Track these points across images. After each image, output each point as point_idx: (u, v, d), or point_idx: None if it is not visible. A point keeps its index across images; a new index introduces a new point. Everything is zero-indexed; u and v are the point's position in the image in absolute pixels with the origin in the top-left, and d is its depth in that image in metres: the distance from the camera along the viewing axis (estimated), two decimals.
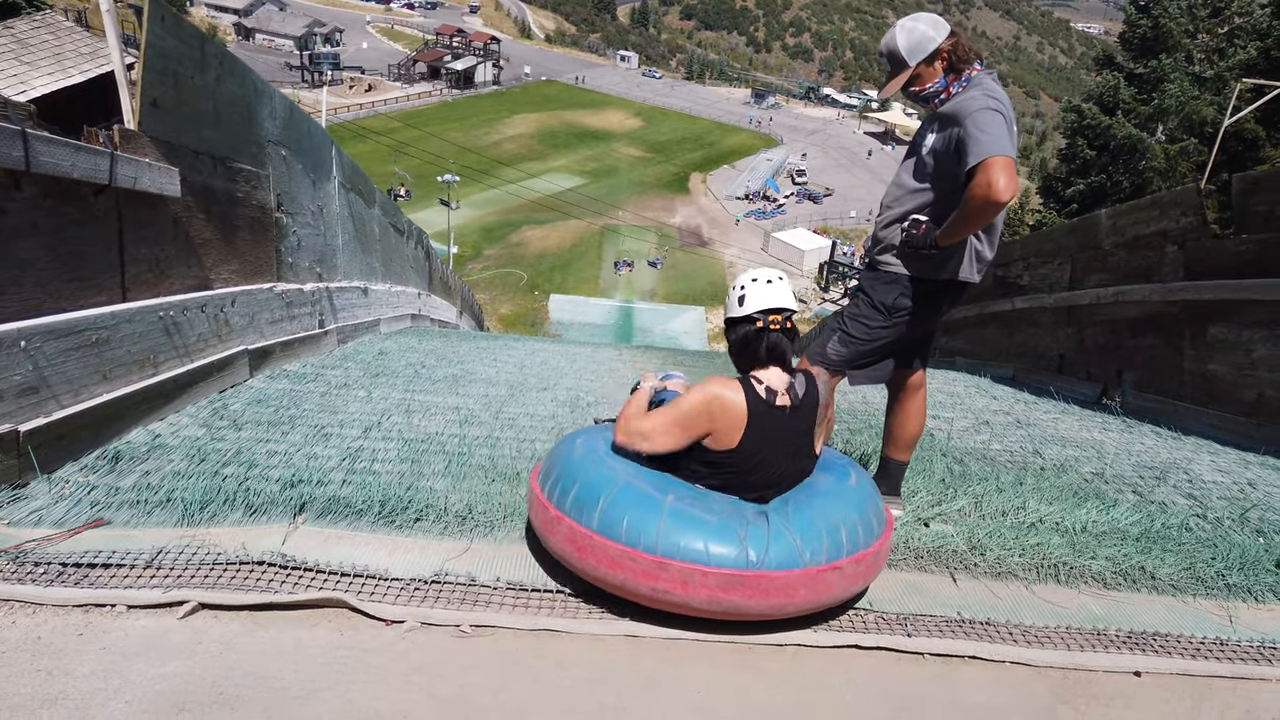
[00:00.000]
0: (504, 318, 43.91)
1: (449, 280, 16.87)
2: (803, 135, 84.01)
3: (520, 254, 53.91)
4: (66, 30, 15.67)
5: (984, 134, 2.64)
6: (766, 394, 2.57)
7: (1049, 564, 2.85)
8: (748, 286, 2.66)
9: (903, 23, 2.95)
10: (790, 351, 2.66)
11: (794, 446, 2.59)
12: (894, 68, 2.94)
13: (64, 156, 3.21)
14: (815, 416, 2.62)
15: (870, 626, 2.50)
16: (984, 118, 2.67)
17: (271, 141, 5.72)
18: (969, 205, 2.67)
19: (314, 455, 3.52)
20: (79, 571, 2.41)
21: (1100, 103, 18.61)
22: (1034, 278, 8.87)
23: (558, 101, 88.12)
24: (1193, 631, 2.56)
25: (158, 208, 4.09)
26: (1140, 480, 4.00)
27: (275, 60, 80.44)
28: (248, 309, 5.07)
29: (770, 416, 2.55)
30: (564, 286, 49.29)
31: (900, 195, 3.04)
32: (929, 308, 3.03)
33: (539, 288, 49.01)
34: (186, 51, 4.35)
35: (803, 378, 2.66)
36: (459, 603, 2.44)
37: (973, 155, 2.64)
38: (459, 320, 16.40)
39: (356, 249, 8.52)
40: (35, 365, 2.99)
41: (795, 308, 2.66)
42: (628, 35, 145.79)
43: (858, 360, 3.10)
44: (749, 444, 2.54)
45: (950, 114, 2.82)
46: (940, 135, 2.88)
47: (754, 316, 2.61)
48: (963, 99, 2.80)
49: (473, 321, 19.74)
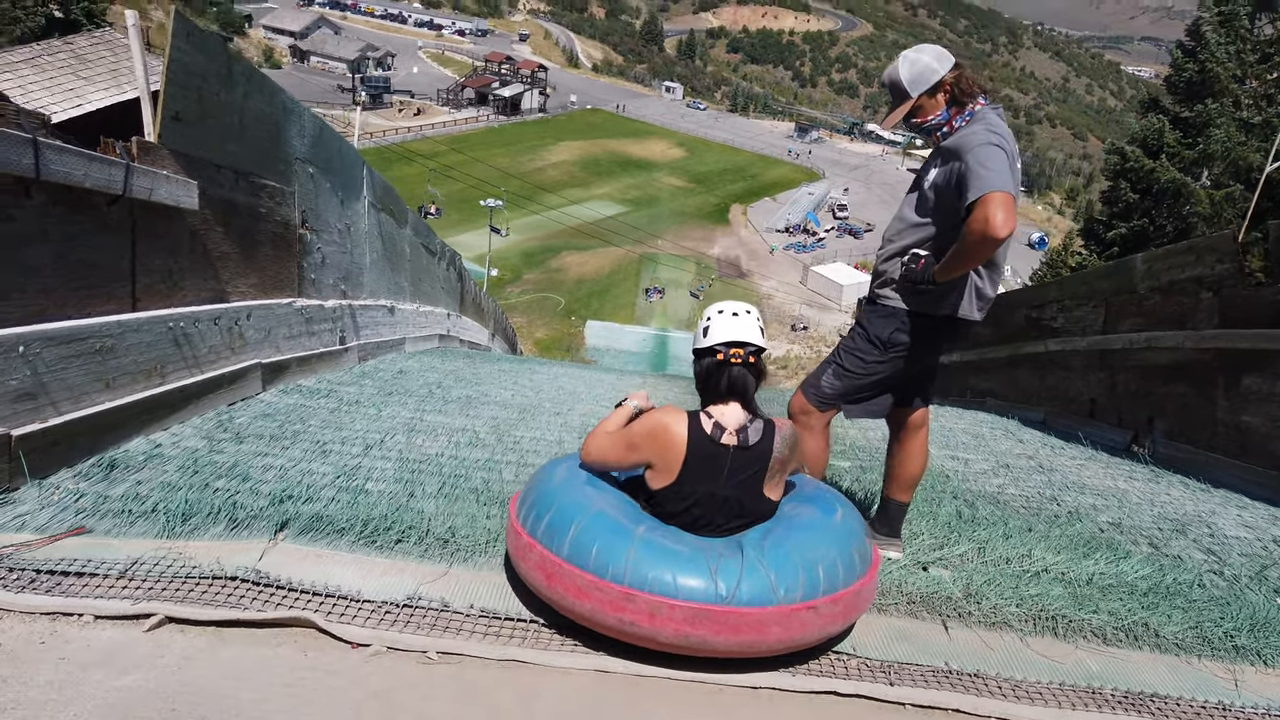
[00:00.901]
0: (540, 342, 44.12)
1: (482, 302, 16.97)
2: (845, 170, 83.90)
3: (559, 279, 54.26)
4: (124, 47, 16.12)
5: (984, 169, 2.59)
6: (713, 430, 2.50)
7: (1047, 616, 2.73)
8: (713, 318, 2.61)
9: (907, 54, 2.90)
10: (753, 388, 2.58)
11: (738, 488, 2.50)
12: (896, 98, 2.90)
13: (76, 166, 3.25)
14: (766, 462, 2.52)
15: (851, 672, 2.40)
16: (985, 153, 2.62)
17: (299, 159, 5.79)
18: (966, 240, 2.61)
19: (309, 471, 3.50)
20: (52, 579, 2.39)
21: (1144, 146, 18.31)
22: (1067, 320, 8.70)
23: (602, 130, 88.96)
24: (1194, 694, 2.42)
25: (174, 219, 4.13)
26: (1158, 532, 3.85)
27: (328, 82, 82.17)
28: (264, 323, 5.10)
29: (711, 453, 2.49)
30: (601, 313, 49.46)
31: (901, 229, 2.98)
32: (927, 344, 2.96)
33: (576, 313, 49.23)
34: (212, 67, 4.41)
35: (761, 424, 2.56)
36: (429, 628, 2.39)
37: (972, 190, 2.58)
38: (490, 343, 16.48)
39: (385, 268, 8.59)
40: (34, 371, 3.00)
41: (760, 343, 2.58)
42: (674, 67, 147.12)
43: (851, 394, 3.03)
44: (686, 478, 2.49)
45: (952, 148, 2.77)
46: (941, 169, 2.83)
47: (716, 349, 2.56)
48: (964, 133, 2.75)
49: (505, 344, 19.84)
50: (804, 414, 3.10)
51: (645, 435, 2.55)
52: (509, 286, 51.35)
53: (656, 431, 2.52)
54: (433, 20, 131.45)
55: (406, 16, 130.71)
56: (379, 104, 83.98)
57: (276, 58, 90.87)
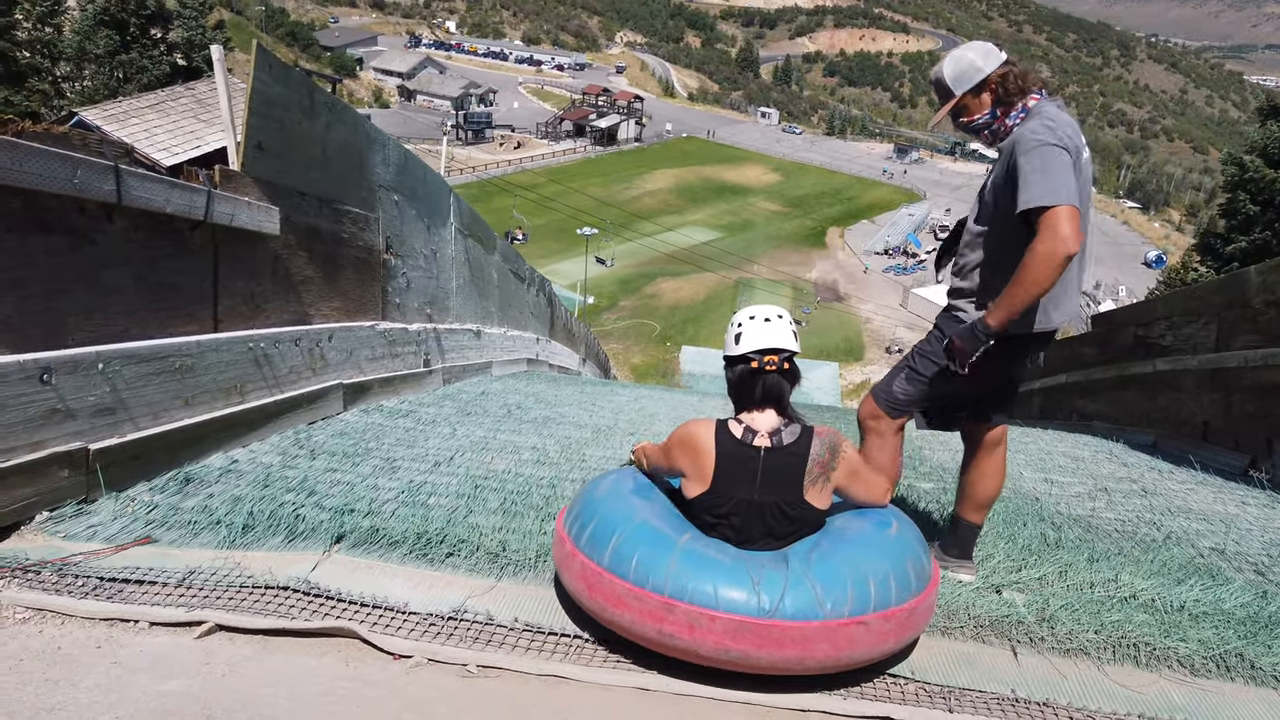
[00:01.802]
0: (635, 368, 44.34)
1: (572, 327, 17.14)
2: (947, 190, 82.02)
3: (654, 305, 54.51)
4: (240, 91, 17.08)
5: (1038, 174, 2.42)
6: (744, 434, 2.43)
7: (1129, 643, 2.52)
8: (744, 325, 2.52)
9: (954, 51, 2.77)
10: (788, 393, 2.49)
11: (775, 492, 2.40)
12: (941, 97, 2.79)
13: (158, 192, 3.40)
14: (804, 464, 2.41)
15: (909, 698, 2.26)
16: (1040, 155, 2.45)
17: (383, 187, 5.95)
18: (1028, 270, 2.43)
19: (375, 486, 3.55)
20: (114, 586, 2.47)
21: (1264, 155, 17.26)
22: (1177, 338, 8.22)
23: (696, 157, 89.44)
24: None
25: (256, 244, 4.28)
26: (1266, 559, 3.54)
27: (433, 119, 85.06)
28: (346, 344, 5.24)
29: (743, 457, 2.41)
30: (696, 339, 49.40)
31: (968, 240, 2.84)
32: (1002, 359, 2.77)
33: (671, 339, 49.32)
34: (294, 98, 4.58)
35: (798, 428, 2.46)
36: (471, 641, 2.37)
37: (1025, 198, 2.43)
38: (581, 367, 16.61)
39: (471, 292, 8.75)
40: (113, 387, 3.14)
41: (794, 348, 2.49)
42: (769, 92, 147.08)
43: (923, 402, 2.88)
44: (720, 484, 2.41)
45: (1007, 149, 2.63)
46: (997, 172, 2.69)
47: (749, 356, 2.48)
48: (1019, 131, 2.59)
49: (597, 369, 19.97)
50: (873, 419, 2.97)
51: (677, 443, 2.52)
52: (605, 313, 51.86)
53: (686, 439, 2.49)
54: (532, 56, 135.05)
55: (507, 54, 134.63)
56: (481, 139, 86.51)
57: (385, 97, 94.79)
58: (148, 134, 17.90)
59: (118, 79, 24.98)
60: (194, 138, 15.92)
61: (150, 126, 18.26)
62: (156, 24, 26.38)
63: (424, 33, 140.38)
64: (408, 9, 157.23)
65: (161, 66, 25.42)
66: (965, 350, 2.62)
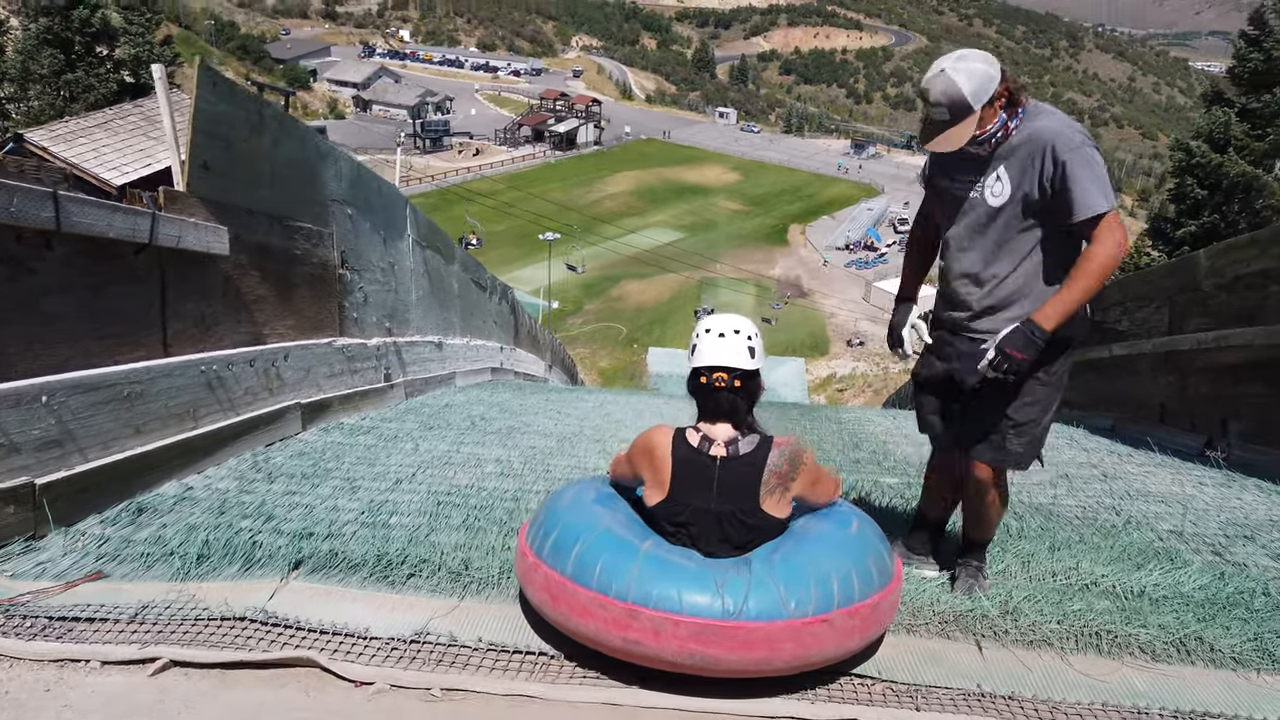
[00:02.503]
0: (603, 371, 44.30)
1: (537, 334, 17.08)
2: (904, 184, 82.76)
3: (619, 308, 54.52)
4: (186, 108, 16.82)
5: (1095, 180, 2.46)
6: (700, 443, 2.42)
7: (1091, 631, 2.54)
8: (700, 338, 2.50)
9: (954, 65, 2.53)
10: (743, 410, 2.46)
11: (731, 501, 2.39)
12: (956, 116, 2.52)
13: (99, 217, 3.32)
14: (759, 474, 2.40)
15: (876, 698, 2.26)
16: (1091, 158, 2.47)
17: (336, 201, 5.88)
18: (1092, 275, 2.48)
19: (335, 508, 3.50)
20: (64, 625, 2.40)
21: (1210, 140, 17.60)
22: (1132, 322, 8.36)
23: (656, 159, 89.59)
24: (1251, 712, 2.20)
25: (205, 265, 4.20)
26: (1224, 539, 3.60)
27: (390, 129, 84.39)
28: (303, 363, 5.16)
29: (699, 465, 2.40)
30: (662, 340, 49.48)
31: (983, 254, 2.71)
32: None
33: (638, 341, 49.35)
34: (240, 115, 4.51)
35: (756, 438, 2.44)
36: (435, 664, 2.33)
37: (1088, 204, 2.45)
38: (548, 374, 16.55)
39: (432, 304, 8.68)
40: (59, 419, 3.06)
41: (746, 367, 2.43)
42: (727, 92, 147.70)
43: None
44: (677, 491, 2.41)
45: (1031, 147, 2.56)
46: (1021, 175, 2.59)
47: (700, 371, 2.46)
48: (1045, 128, 2.54)
49: (564, 375, 19.91)
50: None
51: (638, 451, 2.52)
52: (570, 318, 51.78)
53: (646, 447, 2.49)
54: (488, 63, 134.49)
55: (463, 61, 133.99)
56: (439, 147, 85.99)
57: (340, 108, 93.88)
58: (96, 153, 17.57)
59: (64, 98, 24.47)
60: (144, 155, 15.65)
61: (98, 146, 17.92)
62: (102, 41, 25.85)
63: (378, 42, 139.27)
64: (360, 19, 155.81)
65: (108, 84, 24.92)
66: (1024, 358, 2.55)
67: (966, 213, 2.72)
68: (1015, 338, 2.55)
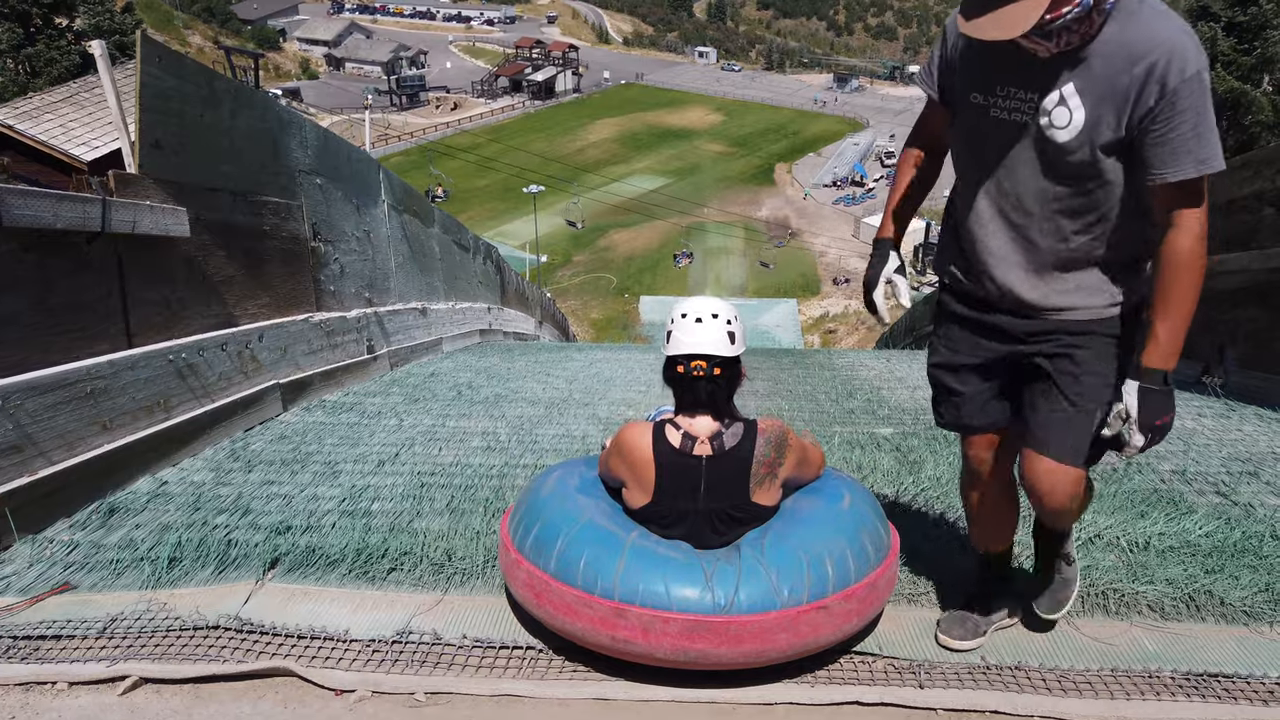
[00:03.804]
0: (595, 322, 44.13)
1: (525, 291, 16.88)
2: (890, 116, 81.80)
3: (609, 258, 54.12)
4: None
5: (1208, 129, 1.72)
6: (683, 442, 2.24)
7: (1097, 591, 2.46)
8: (675, 323, 2.27)
9: None
10: (723, 399, 2.27)
11: (721, 500, 2.24)
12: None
13: (44, 208, 3.15)
14: (748, 467, 2.24)
15: (877, 676, 2.18)
16: (1204, 90, 1.71)
17: (303, 171, 5.68)
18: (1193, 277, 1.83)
19: (315, 496, 3.39)
20: (29, 644, 2.30)
21: None
22: None
23: (638, 104, 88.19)
24: (1266, 670, 2.13)
25: (165, 249, 4.04)
26: (1227, 476, 3.51)
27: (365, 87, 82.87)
28: (279, 342, 5.02)
29: (684, 467, 2.23)
30: (653, 288, 49.23)
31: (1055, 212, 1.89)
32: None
33: (629, 290, 49.08)
34: (192, 89, 4.30)
35: (740, 427, 2.27)
36: (418, 665, 2.24)
37: (1203, 156, 1.72)
38: (539, 331, 16.40)
39: (413, 270, 8.50)
40: (16, 423, 2.93)
41: (725, 354, 2.23)
42: (705, 31, 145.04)
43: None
44: (662, 496, 2.24)
45: (1125, 58, 1.72)
46: (1102, 97, 1.76)
47: (677, 360, 2.25)
48: (1158, 33, 1.71)
49: (556, 330, 19.75)
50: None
51: (615, 453, 2.33)
52: (559, 271, 51.40)
53: (624, 451, 2.28)
54: (460, 13, 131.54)
55: (435, 12, 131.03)
56: (416, 103, 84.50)
57: (313, 68, 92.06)
58: (64, 129, 17.17)
59: (26, 74, 23.89)
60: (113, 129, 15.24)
61: (65, 121, 17.50)
62: (60, 12, 25.19)
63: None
64: None
65: (71, 57, 24.30)
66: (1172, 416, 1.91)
67: (1009, 149, 1.89)
68: (1154, 403, 1.87)
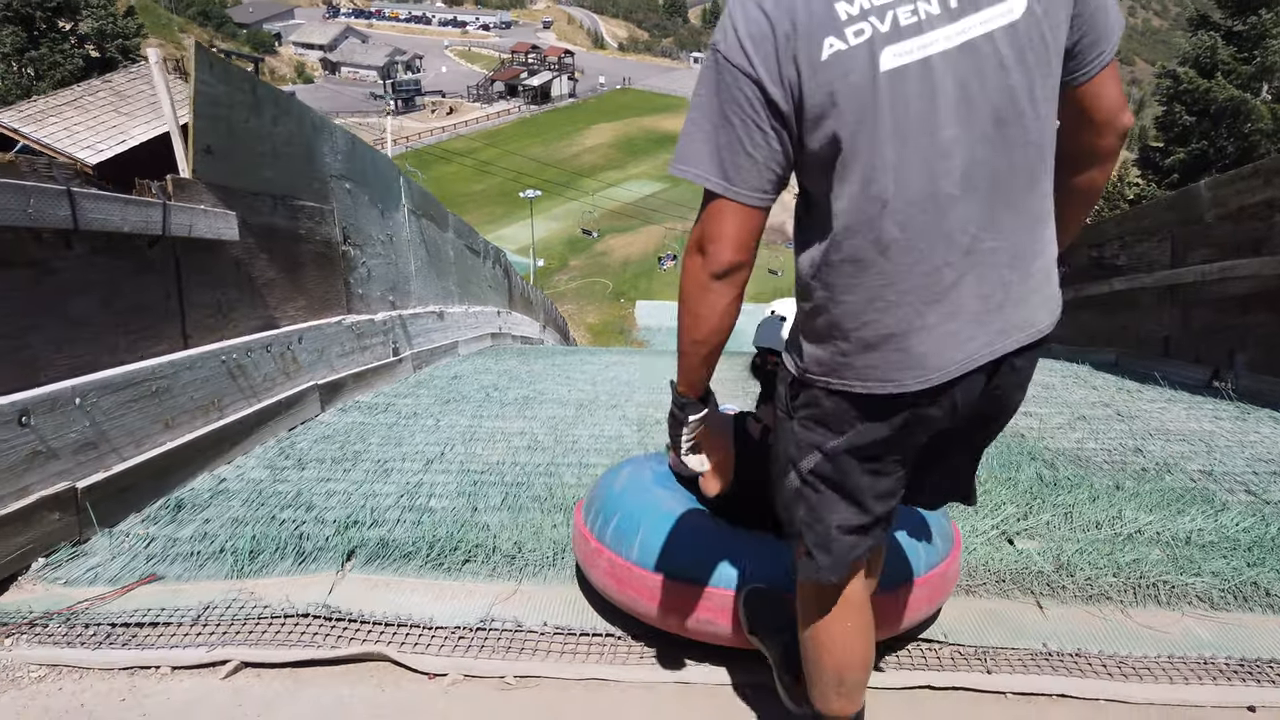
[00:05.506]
0: (592, 327, 44.19)
1: (530, 296, 16.99)
2: None
3: (605, 263, 54.23)
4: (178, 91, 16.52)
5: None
6: (762, 433, 2.28)
7: (1147, 583, 2.58)
8: (771, 319, 2.29)
9: None
10: None
11: None
12: None
13: (113, 211, 3.25)
14: None
15: (945, 662, 2.29)
16: None
17: (334, 176, 5.78)
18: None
19: (373, 493, 3.48)
20: (128, 632, 2.39)
21: (1197, 65, 17.48)
22: (1131, 257, 8.38)
23: (633, 109, 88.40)
24: None
25: (217, 252, 4.14)
26: (1254, 476, 3.64)
27: (360, 91, 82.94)
28: (316, 344, 5.12)
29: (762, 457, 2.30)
30: (649, 292, 49.31)
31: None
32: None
33: (625, 295, 49.17)
34: (238, 96, 4.40)
35: None
36: (504, 651, 2.34)
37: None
38: (542, 335, 16.50)
39: (430, 274, 8.61)
40: (92, 421, 3.02)
41: None
42: (700, 36, 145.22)
43: None
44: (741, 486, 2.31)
45: None
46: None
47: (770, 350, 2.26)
48: None
49: (557, 334, 19.86)
50: None
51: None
52: (556, 275, 51.48)
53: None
54: (456, 18, 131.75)
55: (430, 17, 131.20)
56: (411, 107, 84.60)
57: (309, 72, 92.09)
58: (68, 133, 17.19)
59: (29, 77, 23.90)
60: (118, 133, 15.32)
61: (70, 125, 17.52)
62: (64, 15, 25.22)
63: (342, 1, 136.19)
64: None
65: (74, 60, 24.36)
66: None
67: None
68: None
